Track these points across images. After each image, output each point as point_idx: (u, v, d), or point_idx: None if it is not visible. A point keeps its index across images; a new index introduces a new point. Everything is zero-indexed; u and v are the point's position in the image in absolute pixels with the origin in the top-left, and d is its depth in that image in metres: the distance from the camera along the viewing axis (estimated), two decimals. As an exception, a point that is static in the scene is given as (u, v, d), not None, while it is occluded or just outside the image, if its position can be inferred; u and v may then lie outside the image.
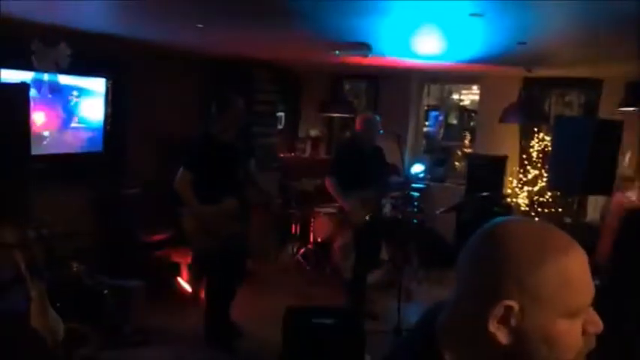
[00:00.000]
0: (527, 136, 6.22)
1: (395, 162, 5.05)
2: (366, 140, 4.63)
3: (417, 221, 5.98)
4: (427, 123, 7.79)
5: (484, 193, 5.13)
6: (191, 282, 5.01)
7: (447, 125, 8.27)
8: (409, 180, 5.28)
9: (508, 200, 6.12)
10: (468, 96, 8.27)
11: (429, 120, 7.98)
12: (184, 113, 5.71)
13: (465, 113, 8.17)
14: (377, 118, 4.69)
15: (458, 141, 7.87)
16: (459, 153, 7.65)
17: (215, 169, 3.87)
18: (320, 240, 6.04)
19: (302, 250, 6.04)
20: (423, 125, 7.49)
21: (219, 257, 3.92)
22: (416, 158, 6.97)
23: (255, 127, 6.27)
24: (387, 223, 5.01)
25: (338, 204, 4.80)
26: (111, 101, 5.02)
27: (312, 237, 6.09)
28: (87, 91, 4.86)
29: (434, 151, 7.67)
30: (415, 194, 5.81)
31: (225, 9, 3.31)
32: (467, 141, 7.73)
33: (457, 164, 7.49)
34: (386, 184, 4.79)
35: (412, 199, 5.61)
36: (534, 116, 6.16)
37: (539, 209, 6.04)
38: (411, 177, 5.67)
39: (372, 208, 4.66)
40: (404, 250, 5.19)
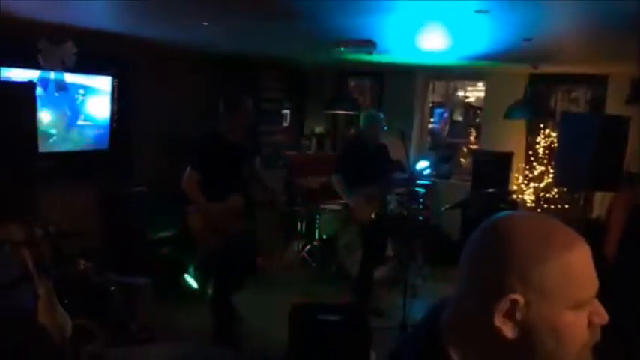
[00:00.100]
0: (533, 133, 6.21)
1: (400, 158, 5.05)
2: (371, 137, 4.64)
3: (423, 218, 5.96)
4: (432, 120, 7.79)
5: (490, 190, 5.11)
6: (197, 279, 5.03)
7: (453, 122, 8.26)
8: (414, 177, 5.28)
9: (514, 197, 6.11)
10: (474, 93, 8.25)
11: (434, 117, 7.97)
12: (190, 111, 5.73)
13: (471, 110, 8.15)
14: (381, 115, 4.70)
15: (463, 138, 7.86)
16: (465, 150, 7.64)
17: (222, 169, 3.89)
18: (325, 237, 6.05)
19: (307, 247, 6.05)
20: (428, 122, 7.48)
21: (225, 255, 3.94)
22: (421, 155, 6.96)
23: (260, 125, 6.29)
24: (393, 220, 5.00)
25: (343, 201, 4.81)
26: (117, 99, 5.04)
27: (317, 234, 6.10)
28: (93, 90, 4.88)
29: (439, 148, 7.66)
30: (420, 191, 5.79)
31: (230, 7, 3.32)
32: (472, 138, 7.72)
33: (462, 161, 7.48)
34: (391, 181, 4.80)
35: (417, 196, 5.60)
36: (540, 113, 6.14)
37: (545, 206, 6.03)
38: (416, 174, 5.65)
39: (378, 205, 4.67)
40: (409, 247, 5.19)
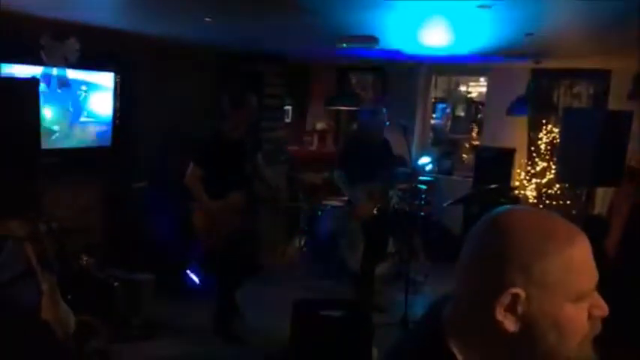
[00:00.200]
0: (535, 128, 6.19)
1: (402, 154, 5.05)
2: (373, 132, 4.63)
3: (424, 214, 5.97)
4: (434, 115, 7.77)
5: (492, 186, 5.11)
6: (200, 276, 5.05)
7: (455, 117, 8.24)
8: (416, 172, 5.28)
9: (516, 193, 6.10)
10: (476, 88, 8.22)
11: (437, 112, 7.95)
12: (192, 108, 5.72)
13: (473, 105, 8.13)
14: (383, 111, 4.69)
15: (465, 133, 7.84)
16: (467, 145, 7.63)
17: (225, 166, 3.89)
18: (327, 233, 6.05)
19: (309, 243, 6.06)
20: (431, 118, 7.47)
21: (228, 251, 3.95)
22: (423, 151, 6.96)
23: (262, 121, 6.28)
24: (394, 216, 5.01)
25: (345, 197, 4.81)
26: (119, 96, 5.04)
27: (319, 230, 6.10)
28: (96, 86, 4.88)
29: (441, 144, 7.65)
30: (422, 187, 5.80)
31: (232, 2, 3.32)
32: (474, 133, 7.70)
33: (465, 157, 7.47)
34: (393, 177, 4.80)
35: (419, 192, 5.60)
36: (542, 108, 6.13)
37: (547, 201, 6.02)
38: (418, 169, 5.65)
39: (380, 201, 4.67)
40: (411, 243, 5.19)
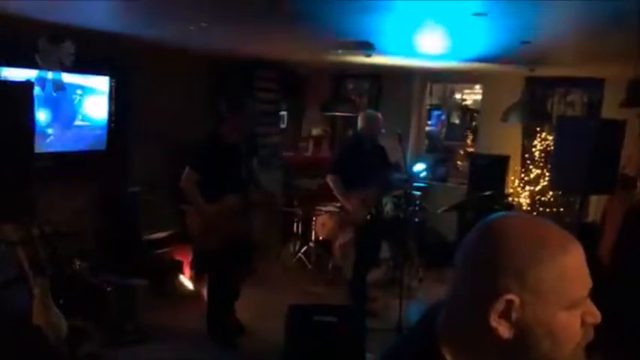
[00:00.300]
0: (529, 136, 6.23)
1: (397, 160, 5.06)
2: (369, 138, 4.64)
3: (419, 220, 5.98)
4: (429, 122, 7.79)
5: (486, 193, 5.13)
6: (193, 279, 5.03)
7: (450, 124, 8.26)
8: (411, 179, 5.28)
9: (510, 200, 6.12)
10: (471, 95, 8.24)
11: (432, 119, 7.98)
12: (187, 112, 5.72)
13: (468, 112, 8.14)
14: (379, 116, 4.71)
15: (460, 140, 7.86)
16: (461, 152, 7.65)
17: (221, 169, 3.89)
18: (321, 238, 6.06)
19: (303, 249, 6.05)
20: (426, 124, 7.49)
21: (221, 255, 3.94)
22: (418, 157, 6.97)
23: (258, 127, 6.29)
24: (389, 222, 5.01)
25: (340, 203, 4.81)
26: (114, 100, 5.03)
27: (313, 235, 6.10)
28: (91, 90, 4.87)
29: (436, 151, 7.67)
30: (417, 193, 5.81)
31: (228, 7, 3.32)
32: (469, 140, 7.72)
33: (459, 163, 7.49)
34: (388, 183, 4.80)
35: (414, 198, 5.61)
36: (537, 116, 6.16)
37: (540, 209, 6.04)
38: (413, 176, 5.66)
39: (374, 207, 4.67)
40: (405, 249, 5.20)
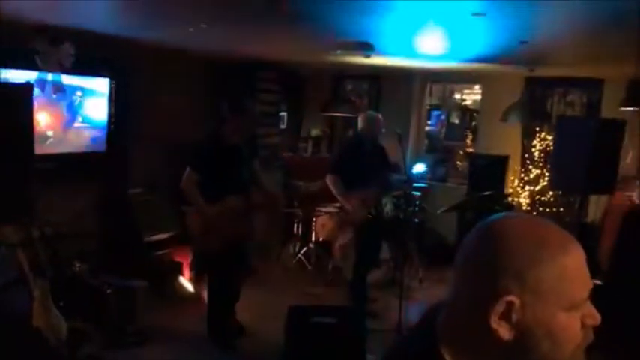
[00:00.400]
0: (529, 136, 6.23)
1: (396, 161, 5.06)
2: (369, 138, 4.65)
3: (418, 221, 5.98)
4: (429, 122, 7.79)
5: (486, 193, 5.13)
6: (193, 281, 5.03)
7: (449, 125, 8.24)
8: (411, 179, 5.29)
9: (510, 200, 6.12)
10: (470, 95, 8.24)
11: (431, 119, 7.97)
12: (187, 113, 5.73)
13: (467, 113, 8.14)
14: (380, 117, 4.71)
15: (460, 140, 7.85)
16: (461, 152, 7.64)
17: (222, 170, 3.89)
18: (322, 239, 6.06)
19: (303, 249, 6.06)
20: (425, 125, 7.49)
21: (221, 256, 3.94)
22: (418, 158, 6.97)
23: (258, 127, 6.29)
24: (388, 223, 5.01)
25: (339, 204, 4.81)
26: (114, 101, 5.03)
27: (313, 236, 6.10)
28: (91, 91, 4.87)
29: (436, 151, 7.66)
30: (417, 194, 5.81)
31: (228, 8, 3.32)
32: (469, 140, 7.71)
33: (459, 164, 7.48)
34: (388, 183, 4.80)
35: (413, 199, 5.61)
36: (536, 116, 6.16)
37: (540, 209, 6.04)
38: (413, 176, 5.67)
39: (373, 207, 4.67)
40: (405, 250, 5.20)
